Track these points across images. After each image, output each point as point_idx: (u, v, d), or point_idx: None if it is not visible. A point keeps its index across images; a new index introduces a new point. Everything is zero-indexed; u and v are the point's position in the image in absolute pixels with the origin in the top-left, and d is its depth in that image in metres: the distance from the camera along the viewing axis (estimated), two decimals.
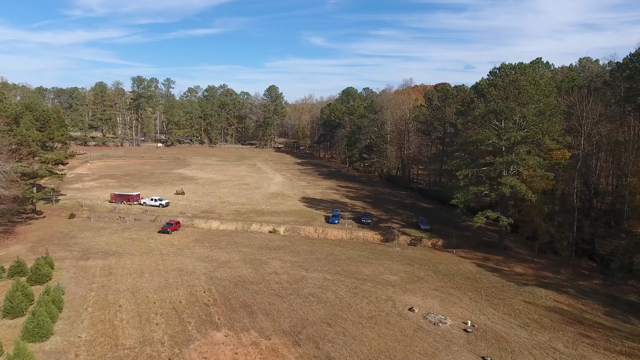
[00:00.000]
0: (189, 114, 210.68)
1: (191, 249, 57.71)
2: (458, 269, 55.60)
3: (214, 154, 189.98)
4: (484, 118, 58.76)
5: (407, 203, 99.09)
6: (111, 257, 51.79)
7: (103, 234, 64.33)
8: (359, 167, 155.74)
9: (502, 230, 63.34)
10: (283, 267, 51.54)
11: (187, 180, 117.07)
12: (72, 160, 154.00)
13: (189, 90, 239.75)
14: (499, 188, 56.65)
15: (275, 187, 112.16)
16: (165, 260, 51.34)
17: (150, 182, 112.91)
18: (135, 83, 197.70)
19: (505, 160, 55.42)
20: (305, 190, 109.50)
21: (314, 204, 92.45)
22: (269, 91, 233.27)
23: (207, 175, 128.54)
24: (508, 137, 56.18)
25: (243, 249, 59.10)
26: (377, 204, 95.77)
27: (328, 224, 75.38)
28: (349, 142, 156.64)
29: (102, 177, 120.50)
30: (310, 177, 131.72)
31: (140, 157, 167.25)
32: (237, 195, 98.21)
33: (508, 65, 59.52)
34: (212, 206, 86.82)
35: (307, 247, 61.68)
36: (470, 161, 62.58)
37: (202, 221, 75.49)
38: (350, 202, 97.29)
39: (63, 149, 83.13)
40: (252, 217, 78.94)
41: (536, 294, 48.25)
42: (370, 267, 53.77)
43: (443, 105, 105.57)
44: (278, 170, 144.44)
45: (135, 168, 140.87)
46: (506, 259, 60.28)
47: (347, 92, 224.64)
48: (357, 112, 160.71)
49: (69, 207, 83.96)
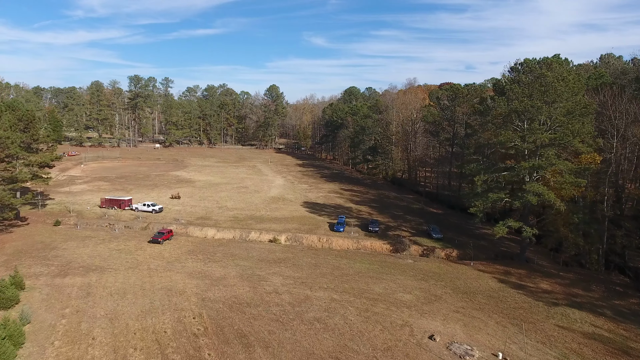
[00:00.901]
0: (187, 114, 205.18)
1: (183, 262, 52.33)
2: (478, 286, 50.16)
3: (213, 155, 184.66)
4: (505, 118, 53.32)
5: (415, 208, 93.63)
6: (92, 273, 46.40)
7: (88, 244, 58.95)
8: (362, 169, 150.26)
9: (524, 241, 57.86)
10: (284, 284, 46.13)
11: (183, 183, 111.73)
12: (65, 162, 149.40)
13: (188, 89, 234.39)
14: (524, 196, 51.12)
15: (275, 190, 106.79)
16: (152, 276, 45.94)
17: (145, 185, 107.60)
18: (132, 82, 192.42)
19: (531, 164, 49.91)
20: (308, 194, 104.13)
21: (317, 209, 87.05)
22: (269, 91, 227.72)
23: (205, 177, 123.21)
24: (533, 140, 50.70)
25: (240, 262, 53.71)
26: (383, 209, 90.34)
27: (333, 232, 69.99)
28: (352, 143, 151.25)
29: (95, 180, 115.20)
30: (312, 180, 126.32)
31: (137, 159, 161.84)
32: (236, 200, 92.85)
33: (532, 60, 54.13)
34: (208, 212, 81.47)
35: (310, 260, 56.27)
36: (488, 165, 57.10)
37: (197, 229, 70.12)
38: (355, 207, 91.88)
39: (49, 151, 77.79)
40: (251, 224, 73.57)
41: (570, 316, 42.79)
42: (381, 284, 48.35)
43: (452, 104, 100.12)
44: (279, 172, 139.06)
45: (130, 170, 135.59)
46: (530, 273, 54.81)
47: (349, 92, 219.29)
48: (360, 112, 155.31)
49: (56, 212, 78.68)
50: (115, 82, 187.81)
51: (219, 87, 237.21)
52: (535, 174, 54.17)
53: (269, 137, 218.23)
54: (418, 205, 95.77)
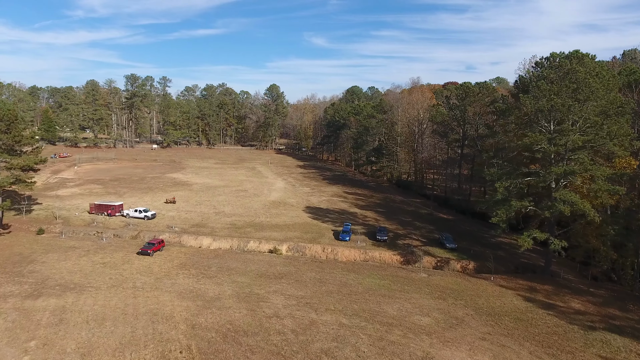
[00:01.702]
0: (185, 114, 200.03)
1: (173, 278, 47.10)
2: (502, 305, 44.93)
3: (211, 156, 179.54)
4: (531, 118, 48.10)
5: (423, 214, 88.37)
6: (70, 293, 41.17)
7: (70, 256, 53.73)
8: (366, 171, 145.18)
9: (549, 253, 52.62)
10: (286, 305, 40.92)
11: (180, 186, 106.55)
12: (58, 164, 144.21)
13: (187, 89, 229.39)
14: (554, 205, 45.84)
15: (276, 194, 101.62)
16: (137, 297, 40.72)
17: (140, 189, 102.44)
18: (129, 81, 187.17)
19: (562, 170, 44.65)
20: (310, 197, 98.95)
21: (320, 214, 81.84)
22: (269, 90, 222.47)
23: (203, 180, 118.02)
24: (564, 142, 45.46)
25: (237, 277, 48.49)
26: (390, 215, 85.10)
27: (338, 242, 64.78)
28: (356, 144, 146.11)
29: (88, 183, 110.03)
30: (315, 183, 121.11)
31: (133, 160, 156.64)
32: (234, 205, 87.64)
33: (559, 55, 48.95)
34: (204, 218, 76.27)
35: (314, 275, 51.03)
36: (510, 170, 51.85)
37: (191, 238, 64.93)
38: (360, 212, 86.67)
39: (33, 154, 72.59)
40: (250, 232, 68.37)
41: (611, 343, 37.57)
42: (395, 304, 43.13)
43: (462, 104, 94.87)
44: (279, 175, 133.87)
45: (125, 172, 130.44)
46: (557, 290, 49.58)
47: (351, 91, 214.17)
48: (363, 112, 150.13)
49: (42, 219, 73.52)
50: (111, 81, 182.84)
51: (218, 86, 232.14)
52: (562, 180, 48.95)
53: (269, 138, 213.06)
54: (427, 211, 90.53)
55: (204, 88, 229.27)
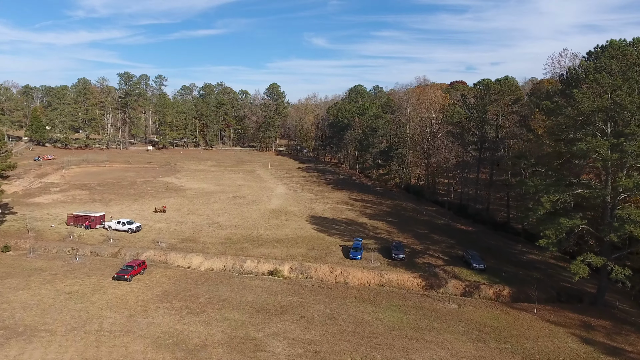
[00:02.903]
0: (182, 114, 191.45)
1: (151, 315, 38.49)
2: (557, 350, 36.33)
3: (209, 157, 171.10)
4: (588, 118, 39.59)
5: (440, 224, 79.80)
6: (14, 341, 32.55)
7: (32, 283, 45.15)
8: (372, 174, 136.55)
9: (603, 281, 44.08)
10: (291, 356, 32.32)
11: (172, 192, 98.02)
12: (45, 166, 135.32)
13: (184, 88, 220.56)
14: (622, 226, 37.25)
15: (276, 201, 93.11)
16: (101, 346, 32.12)
17: (128, 195, 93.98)
18: (122, 80, 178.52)
19: (635, 182, 36.00)
20: (313, 205, 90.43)
21: (325, 226, 73.32)
22: (270, 89, 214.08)
23: (198, 184, 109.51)
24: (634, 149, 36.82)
25: (230, 313, 39.90)
26: (404, 226, 76.55)
27: (348, 260, 56.25)
28: (361, 146, 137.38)
29: (73, 188, 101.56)
30: (318, 187, 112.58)
31: (126, 162, 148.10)
32: (230, 214, 79.12)
33: (619, 42, 40.52)
34: (196, 230, 67.78)
35: (323, 307, 42.45)
36: (557, 181, 43.26)
37: (179, 255, 56.42)
38: (370, 222, 78.13)
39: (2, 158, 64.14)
40: (247, 248, 59.85)
41: None
42: (426, 351, 34.54)
43: (481, 103, 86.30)
44: (280, 178, 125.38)
45: (116, 175, 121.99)
46: (618, 327, 40.98)
47: (355, 91, 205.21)
48: (369, 112, 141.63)
49: (12, 232, 65.00)
50: (103, 80, 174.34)
51: (216, 85, 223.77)
52: (623, 194, 40.40)
53: (269, 139, 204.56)
54: (443, 221, 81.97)
55: (202, 87, 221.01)
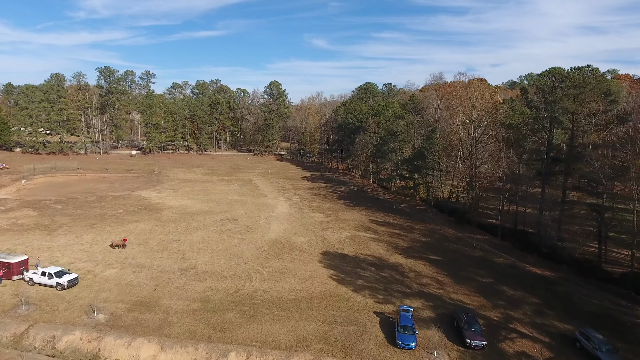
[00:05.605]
0: (172, 115, 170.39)
1: None
2: None
3: (200, 164, 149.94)
4: None
5: (503, 266, 57.94)
6: None
7: None
8: (390, 186, 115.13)
9: None
10: None
11: (145, 213, 76.66)
12: (1, 177, 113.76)
13: (174, 86, 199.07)
14: None
15: (278, 226, 71.73)
16: None
17: (86, 218, 72.62)
18: (102, 76, 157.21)
19: None
20: (326, 232, 69.07)
21: (347, 272, 51.91)
22: (270, 88, 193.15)
23: (180, 201, 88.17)
24: None
25: None
26: (455, 269, 54.96)
27: (394, 350, 34.73)
28: (377, 153, 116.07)
29: (22, 206, 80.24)
30: (328, 204, 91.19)
31: (102, 170, 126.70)
32: (215, 250, 57.79)
33: None
34: (161, 283, 46.38)
35: None
36: None
37: (121, 342, 34.93)
38: (406, 263, 56.66)
39: None
40: (232, 323, 38.35)
41: None
42: None
43: (550, 99, 64.87)
44: (281, 191, 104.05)
45: (83, 187, 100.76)
46: None
47: (365, 89, 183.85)
48: (386, 112, 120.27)
49: None
50: (80, 75, 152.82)
51: (210, 83, 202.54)
52: None
53: (269, 142, 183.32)
54: (506, 260, 60.23)
55: (195, 85, 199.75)
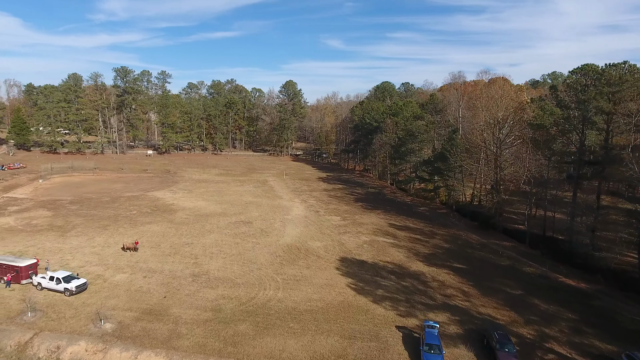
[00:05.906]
0: (187, 115, 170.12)
1: None
2: None
3: (216, 164, 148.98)
4: None
5: (533, 277, 54.10)
6: None
7: None
8: (408, 188, 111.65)
9: None
10: None
11: (158, 214, 75.32)
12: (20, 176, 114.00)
13: (190, 86, 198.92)
14: None
15: (293, 229, 69.36)
16: None
17: (100, 219, 71.64)
18: (118, 76, 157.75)
19: None
20: (343, 237, 66.39)
21: (366, 280, 49.14)
22: (285, 87, 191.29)
23: (194, 202, 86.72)
24: None
25: None
26: (481, 279, 51.53)
27: None
28: (396, 154, 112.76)
29: (37, 206, 79.90)
30: (345, 207, 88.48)
31: (118, 170, 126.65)
32: (228, 255, 55.71)
33: None
34: (172, 290, 44.44)
35: None
36: None
37: (127, 355, 32.95)
38: (429, 272, 53.50)
39: None
40: (245, 335, 36.02)
41: None
42: None
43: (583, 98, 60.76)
44: (297, 192, 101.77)
45: (99, 188, 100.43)
46: None
47: (382, 88, 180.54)
48: (404, 112, 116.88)
49: None
50: (97, 76, 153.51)
51: (226, 83, 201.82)
52: None
53: (284, 142, 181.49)
54: (535, 269, 56.38)
55: (211, 85, 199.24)
